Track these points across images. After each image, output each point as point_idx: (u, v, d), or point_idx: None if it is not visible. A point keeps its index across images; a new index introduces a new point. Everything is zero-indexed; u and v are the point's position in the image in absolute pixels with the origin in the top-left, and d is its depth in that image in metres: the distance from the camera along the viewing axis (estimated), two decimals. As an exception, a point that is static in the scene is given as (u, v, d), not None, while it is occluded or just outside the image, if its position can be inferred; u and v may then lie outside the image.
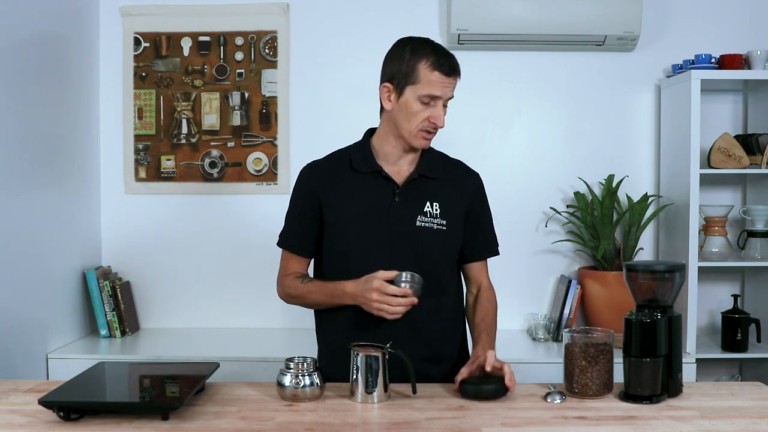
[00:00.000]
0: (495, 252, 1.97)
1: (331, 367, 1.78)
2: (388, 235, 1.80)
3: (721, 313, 2.92)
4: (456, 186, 1.89)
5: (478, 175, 1.96)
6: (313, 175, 1.89)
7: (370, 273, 1.72)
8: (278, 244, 1.98)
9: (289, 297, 1.94)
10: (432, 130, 1.79)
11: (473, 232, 1.90)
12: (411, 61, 1.75)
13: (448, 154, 1.98)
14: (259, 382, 1.79)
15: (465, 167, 1.96)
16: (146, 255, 3.13)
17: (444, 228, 1.83)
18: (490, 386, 1.64)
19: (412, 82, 1.75)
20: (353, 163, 1.85)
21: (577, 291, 2.97)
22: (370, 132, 1.92)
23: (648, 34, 3.05)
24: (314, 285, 1.86)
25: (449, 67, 1.75)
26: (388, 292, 1.67)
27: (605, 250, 2.94)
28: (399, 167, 1.86)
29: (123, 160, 3.13)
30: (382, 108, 1.85)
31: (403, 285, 1.68)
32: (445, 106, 1.79)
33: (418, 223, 1.81)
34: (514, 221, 3.08)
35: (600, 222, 2.95)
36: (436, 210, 1.83)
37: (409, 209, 1.82)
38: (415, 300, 1.68)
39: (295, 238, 1.93)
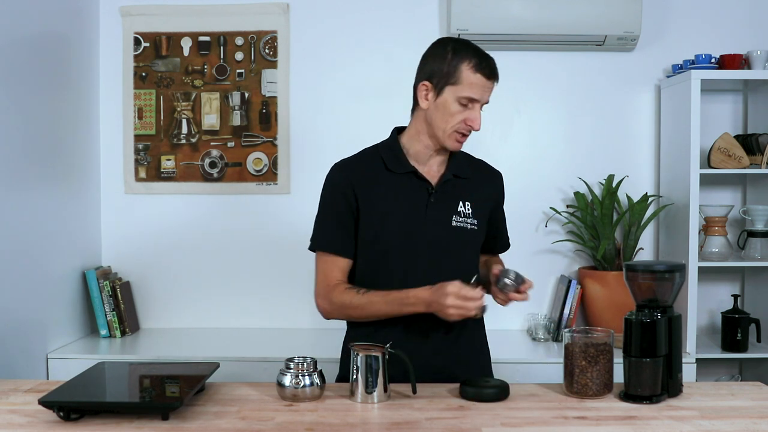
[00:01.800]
0: (508, 246, 2.06)
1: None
2: (425, 236, 1.80)
3: (721, 313, 2.92)
4: (483, 186, 1.91)
5: (501, 174, 1.98)
6: (347, 173, 1.82)
7: (409, 273, 1.76)
8: (314, 248, 1.86)
9: (338, 308, 1.79)
10: (466, 132, 1.79)
11: (494, 228, 1.94)
12: (453, 61, 1.74)
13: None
14: (259, 382, 1.79)
15: (489, 167, 1.98)
16: (146, 255, 3.13)
17: (476, 228, 1.85)
18: (491, 389, 1.64)
19: (452, 83, 1.74)
20: (386, 163, 1.83)
21: (577, 291, 2.97)
22: (397, 130, 1.90)
23: (648, 34, 3.05)
24: (376, 295, 1.75)
25: (490, 69, 1.76)
26: (464, 294, 1.64)
27: (605, 250, 2.94)
28: (429, 167, 1.85)
29: (123, 160, 3.13)
30: (414, 107, 1.85)
31: (507, 281, 1.71)
32: (480, 109, 1.80)
33: (453, 223, 1.82)
34: (514, 221, 3.01)
35: (600, 222, 2.95)
36: (468, 210, 1.84)
37: (444, 209, 1.82)
38: (482, 304, 1.68)
39: (336, 238, 1.81)
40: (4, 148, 2.39)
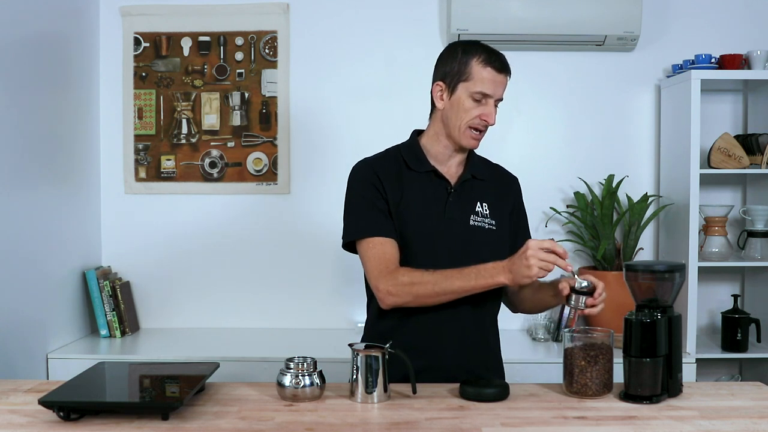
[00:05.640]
0: None
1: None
2: (444, 233, 1.81)
3: (721, 313, 2.92)
4: (500, 188, 1.93)
5: (517, 179, 2.00)
6: (374, 168, 1.84)
7: (428, 267, 1.73)
8: (357, 236, 1.80)
9: (405, 286, 1.72)
10: (482, 128, 1.81)
11: (515, 234, 1.93)
12: (463, 58, 1.78)
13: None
14: (259, 382, 1.78)
15: (505, 171, 2.00)
16: (146, 255, 3.13)
17: (494, 228, 1.86)
18: (491, 389, 1.64)
19: (464, 79, 1.77)
20: (407, 162, 1.85)
21: (577, 291, 2.96)
22: (417, 132, 1.93)
23: (648, 34, 3.05)
24: (450, 270, 1.71)
25: (500, 63, 1.78)
26: (545, 246, 1.65)
27: (605, 250, 2.94)
28: (448, 167, 1.87)
29: (123, 160, 3.13)
30: (432, 109, 1.88)
31: (572, 304, 1.74)
32: (495, 106, 1.81)
33: (471, 222, 1.83)
34: (514, 221, 3.07)
35: (600, 222, 2.95)
36: (486, 210, 1.86)
37: (462, 208, 1.84)
38: (566, 266, 1.68)
39: (380, 222, 1.78)
40: (4, 148, 2.39)
